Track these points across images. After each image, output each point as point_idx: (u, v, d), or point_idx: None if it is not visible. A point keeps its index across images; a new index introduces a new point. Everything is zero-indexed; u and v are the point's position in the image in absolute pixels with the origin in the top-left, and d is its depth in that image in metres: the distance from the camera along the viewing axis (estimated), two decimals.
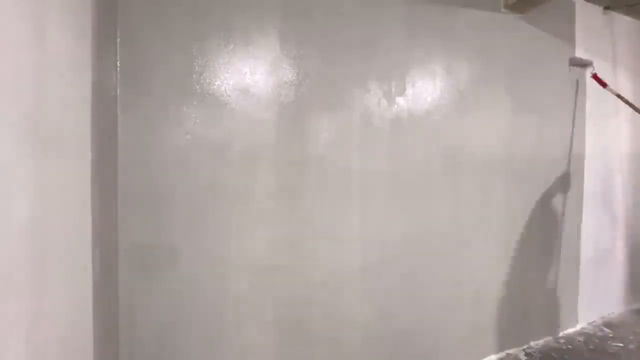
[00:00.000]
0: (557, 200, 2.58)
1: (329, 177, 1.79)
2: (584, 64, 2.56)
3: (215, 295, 1.57)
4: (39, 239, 0.86)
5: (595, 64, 2.67)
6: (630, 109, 2.51)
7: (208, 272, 1.56)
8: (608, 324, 2.75)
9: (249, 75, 1.62)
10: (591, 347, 2.44)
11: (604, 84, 2.52)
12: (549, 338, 2.53)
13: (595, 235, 2.80)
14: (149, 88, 1.45)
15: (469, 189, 2.19)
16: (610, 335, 2.59)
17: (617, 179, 2.91)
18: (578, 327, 2.68)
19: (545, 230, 2.53)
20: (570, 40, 2.61)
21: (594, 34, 2.73)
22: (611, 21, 2.84)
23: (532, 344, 2.45)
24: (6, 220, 0.73)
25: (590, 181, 2.74)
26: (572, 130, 2.62)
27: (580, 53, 2.63)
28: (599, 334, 2.61)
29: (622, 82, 2.90)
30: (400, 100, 1.96)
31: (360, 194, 1.86)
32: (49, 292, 0.92)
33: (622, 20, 2.92)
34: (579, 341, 2.51)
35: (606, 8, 2.77)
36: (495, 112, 2.28)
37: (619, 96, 2.50)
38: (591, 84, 2.63)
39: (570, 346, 2.45)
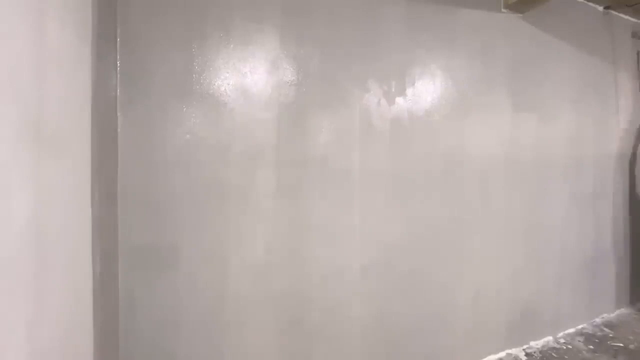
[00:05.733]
0: (557, 200, 2.58)
1: (329, 177, 1.79)
2: None
3: (215, 294, 1.57)
4: (39, 239, 0.86)
5: (595, 63, 2.67)
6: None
7: (208, 271, 1.56)
8: (608, 324, 2.75)
9: (249, 75, 1.62)
10: (591, 347, 2.44)
11: None
12: (549, 338, 2.53)
13: (596, 235, 2.80)
14: (149, 88, 1.45)
15: (469, 188, 2.19)
16: (610, 335, 2.59)
17: (616, 178, 2.91)
18: (578, 327, 2.68)
19: (545, 230, 2.53)
20: None
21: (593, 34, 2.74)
22: (611, 21, 2.84)
23: (532, 343, 2.45)
24: (6, 220, 0.73)
25: (589, 180, 2.74)
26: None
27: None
28: (599, 334, 2.61)
29: (622, 82, 2.90)
30: (400, 100, 1.96)
31: (360, 193, 1.86)
32: (49, 292, 0.92)
33: (622, 20, 2.92)
34: (579, 341, 2.51)
35: (606, 8, 2.77)
36: (495, 111, 2.28)
37: None
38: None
39: (570, 346, 2.45)
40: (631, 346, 2.44)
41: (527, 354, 2.35)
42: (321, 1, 1.76)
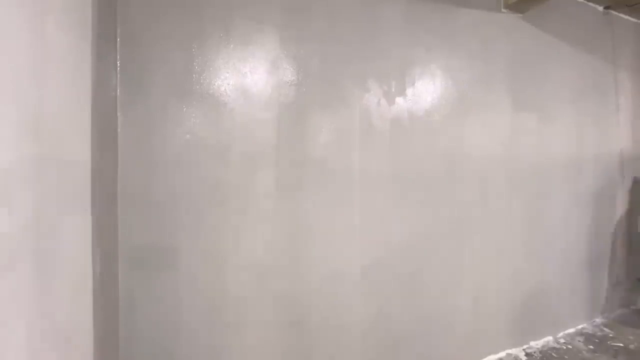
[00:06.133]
0: (557, 200, 2.58)
1: (329, 178, 1.79)
2: None
3: (215, 295, 1.57)
4: (39, 239, 0.86)
5: (595, 63, 2.68)
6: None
7: (208, 272, 1.56)
8: (608, 324, 2.75)
9: (249, 75, 1.62)
10: (591, 347, 2.44)
11: None
12: (549, 338, 2.53)
13: (595, 235, 2.80)
14: (149, 88, 1.45)
15: (469, 188, 2.19)
16: (610, 335, 2.59)
17: (615, 179, 2.91)
18: (578, 327, 2.68)
19: (545, 230, 2.53)
20: None
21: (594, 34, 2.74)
22: (611, 21, 2.84)
23: (532, 344, 2.46)
24: (6, 220, 0.73)
25: (589, 181, 2.74)
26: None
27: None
28: (599, 334, 2.61)
29: (622, 82, 2.90)
30: (400, 100, 1.96)
31: (360, 193, 1.86)
32: (49, 292, 0.92)
33: (622, 20, 2.92)
34: (579, 341, 2.51)
35: (606, 8, 2.77)
36: (495, 111, 2.28)
37: None
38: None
39: (570, 346, 2.45)
40: (631, 346, 2.44)
41: (527, 354, 2.35)
42: (321, 1, 1.76)
